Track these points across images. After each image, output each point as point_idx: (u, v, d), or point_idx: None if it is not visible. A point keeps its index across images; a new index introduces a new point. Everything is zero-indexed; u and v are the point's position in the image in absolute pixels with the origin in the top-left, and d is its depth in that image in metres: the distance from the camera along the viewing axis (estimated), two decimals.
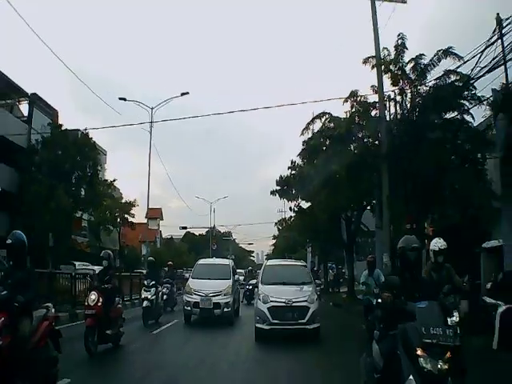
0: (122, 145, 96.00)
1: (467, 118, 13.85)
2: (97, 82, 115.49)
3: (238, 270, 23.32)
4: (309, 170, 20.13)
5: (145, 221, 39.77)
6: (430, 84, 13.62)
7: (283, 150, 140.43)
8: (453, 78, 13.45)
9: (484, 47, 11.57)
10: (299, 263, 15.03)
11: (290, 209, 27.04)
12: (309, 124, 19.90)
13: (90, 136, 30.01)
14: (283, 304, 11.16)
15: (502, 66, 11.99)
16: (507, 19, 11.21)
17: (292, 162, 24.31)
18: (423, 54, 13.96)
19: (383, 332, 5.27)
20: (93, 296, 9.21)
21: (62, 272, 19.48)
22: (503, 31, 11.71)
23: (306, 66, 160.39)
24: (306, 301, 11.27)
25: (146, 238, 48.16)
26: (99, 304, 9.11)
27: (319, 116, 19.17)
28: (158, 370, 8.25)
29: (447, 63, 13.61)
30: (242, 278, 29.18)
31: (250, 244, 74.30)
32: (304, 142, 20.71)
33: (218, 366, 8.72)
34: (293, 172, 24.08)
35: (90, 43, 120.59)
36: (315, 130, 19.81)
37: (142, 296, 14.97)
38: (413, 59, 13.84)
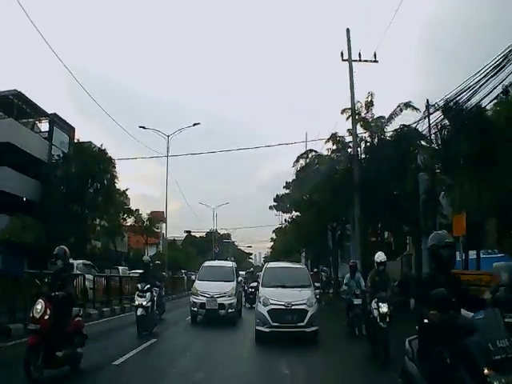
0: (125, 147, 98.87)
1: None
2: (96, 81, 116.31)
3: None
4: (300, 194, 24.01)
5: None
6: (390, 133, 17.71)
7: (279, 151, 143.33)
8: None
9: (424, 116, 15.50)
10: (299, 266, 15.32)
11: (285, 220, 31.05)
12: (299, 158, 24.14)
13: (106, 151, 33.69)
14: (283, 307, 11.40)
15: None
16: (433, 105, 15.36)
17: (286, 183, 28.46)
18: (383, 117, 18.44)
19: (424, 350, 4.57)
20: (39, 306, 7.12)
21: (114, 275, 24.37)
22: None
23: (305, 66, 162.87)
24: (305, 304, 11.48)
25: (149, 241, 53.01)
26: (46, 317, 7.05)
27: (306, 152, 23.69)
28: None
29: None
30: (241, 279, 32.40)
31: (248, 247, 77.47)
32: (296, 173, 25.33)
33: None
34: (287, 191, 28.09)
35: (89, 42, 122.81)
36: (303, 164, 23.82)
37: (136, 302, 12.71)
38: (377, 118, 17.94)
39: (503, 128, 12.55)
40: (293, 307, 11.34)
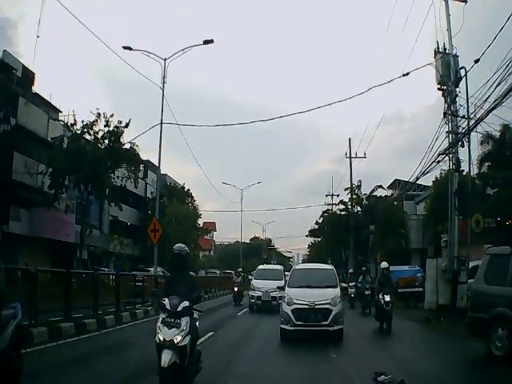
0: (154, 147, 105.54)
1: None
2: None
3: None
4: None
5: None
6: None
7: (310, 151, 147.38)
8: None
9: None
10: (326, 267, 15.15)
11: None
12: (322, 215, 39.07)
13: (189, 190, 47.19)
14: (306, 306, 11.41)
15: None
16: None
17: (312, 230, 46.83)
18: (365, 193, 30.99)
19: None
20: None
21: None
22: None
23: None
24: (328, 303, 11.46)
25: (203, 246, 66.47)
26: None
27: (324, 213, 38.53)
28: None
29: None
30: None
31: (288, 252, 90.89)
32: (311, 230, 41.21)
33: None
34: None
35: None
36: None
37: (158, 338, 5.97)
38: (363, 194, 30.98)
39: None
40: (316, 306, 11.38)
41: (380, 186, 33.74)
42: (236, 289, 25.08)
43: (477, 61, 12.40)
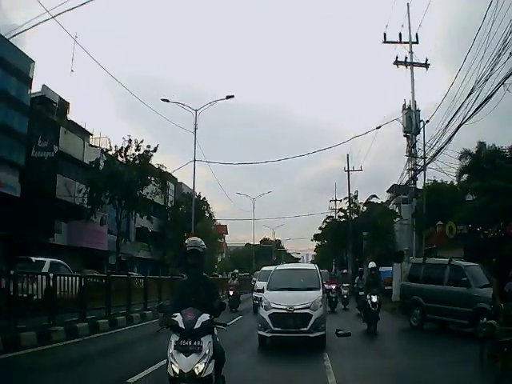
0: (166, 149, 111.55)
1: None
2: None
3: None
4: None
5: None
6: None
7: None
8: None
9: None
10: (309, 267, 14.42)
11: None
12: (324, 221, 44.19)
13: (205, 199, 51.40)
14: (284, 311, 10.54)
15: None
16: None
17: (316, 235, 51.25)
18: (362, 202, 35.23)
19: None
20: None
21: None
22: None
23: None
24: (308, 307, 10.54)
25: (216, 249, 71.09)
26: None
27: (327, 218, 43.65)
28: None
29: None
30: None
31: (297, 253, 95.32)
32: (316, 234, 48.22)
33: None
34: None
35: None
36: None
37: (172, 370, 4.31)
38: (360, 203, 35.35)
39: None
40: (295, 311, 10.53)
41: (374, 196, 38.06)
42: (232, 292, 22.00)
43: (427, 121, 17.16)
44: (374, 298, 13.63)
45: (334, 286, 22.12)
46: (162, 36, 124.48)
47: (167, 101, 30.39)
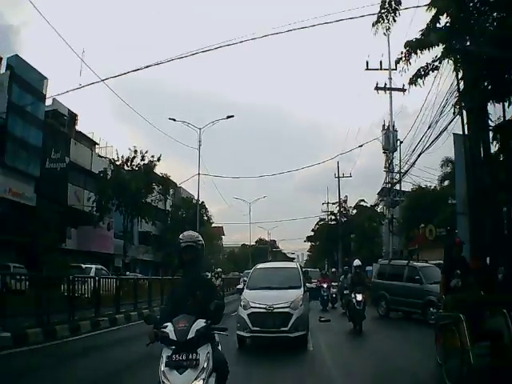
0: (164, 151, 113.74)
1: None
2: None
3: None
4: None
5: None
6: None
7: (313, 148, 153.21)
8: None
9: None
10: (290, 265, 14.11)
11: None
12: (314, 228, 46.41)
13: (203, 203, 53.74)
14: (264, 310, 10.25)
15: None
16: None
17: (309, 236, 55.27)
18: (351, 206, 37.93)
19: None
20: None
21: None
22: None
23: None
24: (288, 307, 10.25)
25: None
26: None
27: (319, 221, 45.69)
28: None
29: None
30: None
31: (292, 253, 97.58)
32: (308, 236, 51.12)
33: None
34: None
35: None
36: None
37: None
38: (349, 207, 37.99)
39: None
40: (275, 310, 10.19)
41: (362, 200, 40.85)
42: None
43: (401, 142, 20.05)
44: (359, 297, 13.36)
45: (325, 285, 22.40)
46: (162, 36, 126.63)
47: (174, 120, 34.11)
